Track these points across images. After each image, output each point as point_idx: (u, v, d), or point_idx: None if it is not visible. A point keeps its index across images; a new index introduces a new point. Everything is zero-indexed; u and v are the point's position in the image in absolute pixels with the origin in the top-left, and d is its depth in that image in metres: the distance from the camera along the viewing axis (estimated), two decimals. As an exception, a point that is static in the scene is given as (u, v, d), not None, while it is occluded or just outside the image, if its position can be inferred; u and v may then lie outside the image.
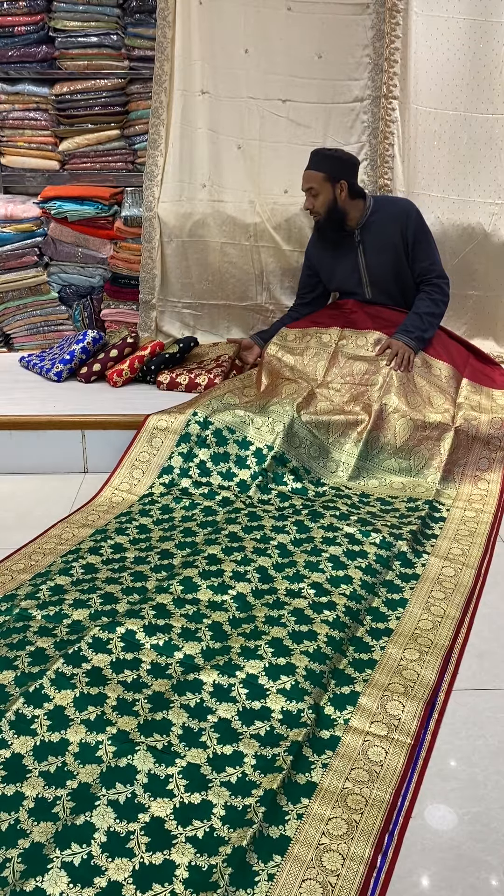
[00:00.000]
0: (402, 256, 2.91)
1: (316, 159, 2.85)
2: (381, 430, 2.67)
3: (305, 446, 2.65)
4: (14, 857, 1.24)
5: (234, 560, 2.07)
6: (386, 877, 1.26)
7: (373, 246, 2.93)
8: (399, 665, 1.73)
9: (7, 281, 3.45)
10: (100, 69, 3.29)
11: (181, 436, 2.63)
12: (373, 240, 2.92)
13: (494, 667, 1.79)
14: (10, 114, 3.38)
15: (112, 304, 3.54)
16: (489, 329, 3.54)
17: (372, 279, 2.99)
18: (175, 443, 2.63)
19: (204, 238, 3.37)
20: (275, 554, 2.12)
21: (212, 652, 1.72)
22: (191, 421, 2.63)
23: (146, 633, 1.75)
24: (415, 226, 2.86)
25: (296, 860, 1.26)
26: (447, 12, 3.10)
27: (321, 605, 1.91)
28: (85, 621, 1.80)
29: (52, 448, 2.80)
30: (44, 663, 1.65)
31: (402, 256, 2.91)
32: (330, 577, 2.02)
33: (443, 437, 2.64)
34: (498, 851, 1.33)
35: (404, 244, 2.89)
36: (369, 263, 2.96)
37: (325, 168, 2.81)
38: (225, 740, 1.49)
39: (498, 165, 3.27)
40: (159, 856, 1.25)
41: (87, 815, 1.31)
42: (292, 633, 1.78)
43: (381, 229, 2.90)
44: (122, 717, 1.51)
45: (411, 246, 2.88)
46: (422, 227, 2.88)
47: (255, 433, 2.62)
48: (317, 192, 2.84)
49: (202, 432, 2.62)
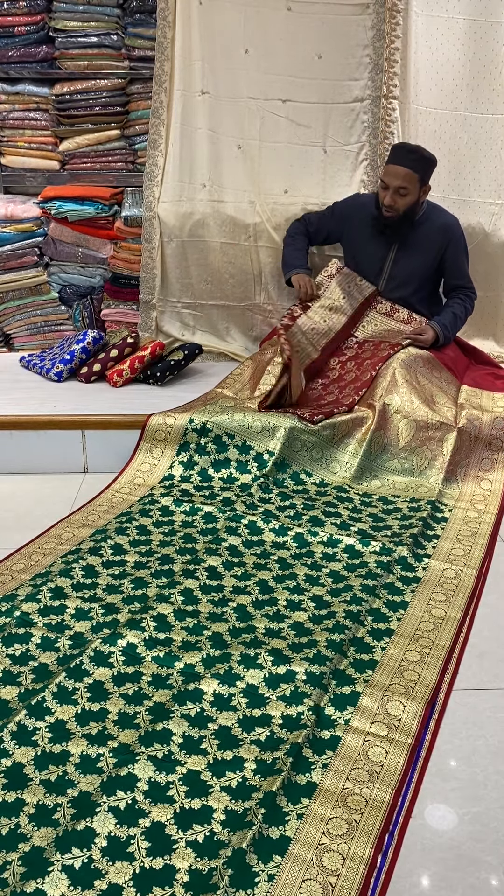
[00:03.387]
0: (431, 267, 2.98)
1: (413, 158, 2.74)
2: (385, 431, 2.67)
3: (307, 448, 2.65)
4: (14, 860, 1.25)
5: (234, 575, 2.08)
6: (386, 877, 1.26)
7: (409, 247, 2.96)
8: (400, 666, 1.73)
9: (7, 281, 3.45)
10: (100, 69, 3.29)
11: (180, 445, 2.64)
12: (412, 242, 2.95)
13: (494, 667, 1.79)
14: (11, 114, 3.38)
15: (112, 304, 3.53)
16: (489, 329, 3.55)
17: (392, 274, 3.01)
18: (175, 452, 2.64)
19: (204, 238, 3.37)
20: (275, 567, 2.13)
21: (212, 660, 1.72)
22: (188, 429, 2.64)
23: (147, 646, 1.76)
24: (458, 245, 2.96)
25: (296, 860, 1.26)
26: (447, 12, 3.10)
27: (321, 616, 1.91)
28: (87, 633, 1.81)
29: (52, 448, 2.80)
30: (47, 678, 1.65)
31: (431, 267, 2.98)
32: (330, 590, 2.03)
33: (446, 438, 2.65)
34: (498, 851, 1.33)
35: (440, 258, 2.96)
36: (398, 261, 2.98)
37: (421, 170, 2.76)
38: (225, 746, 1.49)
39: (498, 165, 3.27)
40: (159, 860, 1.26)
41: (87, 821, 1.31)
42: (292, 645, 1.79)
43: (424, 236, 2.93)
44: (123, 731, 1.52)
45: (450, 262, 2.97)
46: (464, 248, 2.99)
47: (254, 437, 2.62)
48: (407, 192, 2.79)
49: (200, 439, 2.63)
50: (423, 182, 2.81)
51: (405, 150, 2.79)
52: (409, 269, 2.99)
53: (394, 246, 2.97)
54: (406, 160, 2.76)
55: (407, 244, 2.95)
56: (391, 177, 2.79)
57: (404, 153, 2.78)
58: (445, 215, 2.97)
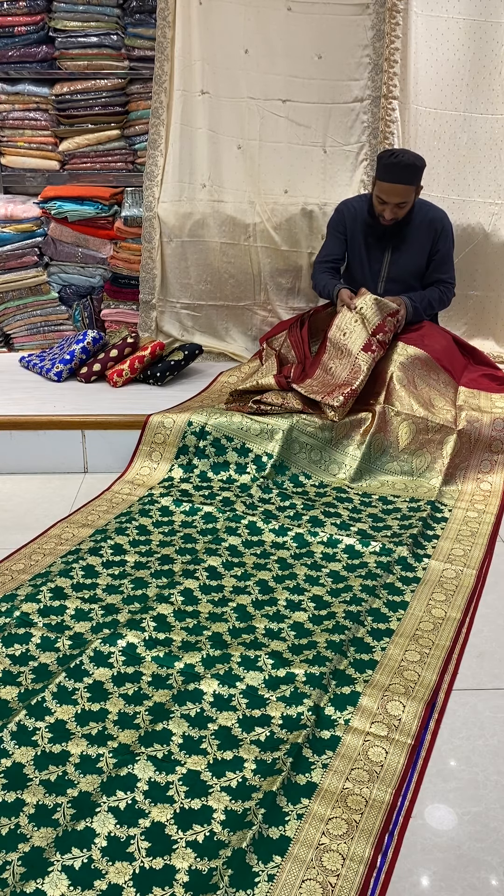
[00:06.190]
0: (424, 261, 2.99)
1: (408, 173, 2.73)
2: (385, 433, 2.67)
3: (306, 451, 2.65)
4: (14, 861, 1.25)
5: (234, 576, 2.08)
6: (386, 877, 1.26)
7: (402, 247, 2.97)
8: (400, 666, 1.73)
9: (7, 281, 3.45)
10: (100, 69, 3.29)
11: (179, 448, 2.64)
12: (404, 242, 2.95)
13: (494, 667, 1.79)
14: (10, 114, 3.38)
15: (112, 304, 3.54)
16: (489, 329, 3.55)
17: (390, 276, 3.02)
18: (174, 455, 2.65)
19: (203, 238, 3.37)
20: (275, 567, 2.13)
21: (212, 660, 1.72)
22: (187, 432, 2.64)
23: (147, 646, 1.76)
24: (447, 238, 2.97)
25: (296, 860, 1.26)
26: (447, 12, 3.10)
27: (321, 617, 1.91)
28: (87, 634, 1.81)
29: (52, 448, 2.80)
30: (47, 679, 1.65)
31: (424, 261, 2.99)
32: (330, 590, 2.03)
33: (445, 441, 2.64)
34: (498, 851, 1.33)
35: (431, 251, 2.97)
36: (394, 262, 2.98)
37: (416, 180, 2.78)
38: (225, 747, 1.49)
39: (498, 165, 3.27)
40: (159, 860, 1.26)
41: (87, 821, 1.31)
42: (292, 647, 1.79)
43: (415, 233, 2.94)
44: (122, 731, 1.52)
45: (438, 256, 2.97)
46: (452, 242, 3.00)
47: (253, 440, 2.62)
48: (406, 203, 2.81)
49: (199, 442, 2.63)
50: (418, 187, 2.82)
51: (398, 166, 2.72)
52: (405, 269, 2.99)
53: (388, 248, 2.97)
54: (402, 177, 2.73)
55: (400, 244, 2.96)
56: (390, 195, 2.78)
57: (398, 170, 2.72)
58: (433, 210, 2.98)
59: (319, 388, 2.71)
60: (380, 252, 3.00)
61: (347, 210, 3.02)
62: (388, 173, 2.74)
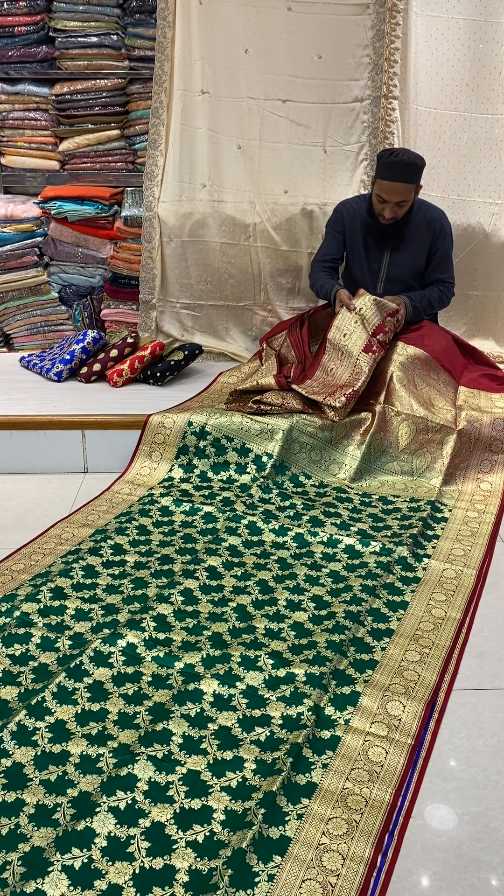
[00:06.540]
0: (423, 261, 2.99)
1: (408, 172, 2.73)
2: (385, 433, 2.67)
3: (306, 451, 2.65)
4: (14, 861, 1.25)
5: (234, 576, 2.08)
6: (386, 877, 1.26)
7: (401, 247, 2.97)
8: (400, 666, 1.73)
9: (7, 281, 3.45)
10: (100, 69, 3.29)
11: (179, 448, 2.64)
12: (403, 241, 2.95)
13: (494, 667, 1.79)
14: (11, 114, 3.38)
15: (112, 304, 3.54)
16: (489, 329, 3.55)
17: (390, 276, 3.01)
18: (174, 455, 2.65)
19: (203, 238, 3.37)
20: (275, 567, 2.13)
21: (212, 660, 1.72)
22: (187, 432, 2.64)
23: (147, 646, 1.76)
24: (446, 238, 2.97)
25: (296, 860, 1.26)
26: (447, 12, 3.10)
27: (321, 617, 1.91)
28: (87, 634, 1.81)
29: (52, 448, 2.80)
30: (47, 679, 1.65)
31: (423, 261, 2.99)
32: (330, 590, 2.03)
33: (446, 441, 2.64)
34: (498, 851, 1.33)
35: (430, 251, 2.97)
36: (393, 262, 2.98)
37: (416, 179, 2.78)
38: (225, 747, 1.49)
39: (498, 165, 3.27)
40: (159, 860, 1.26)
41: (87, 821, 1.31)
42: (292, 647, 1.79)
43: (414, 233, 2.94)
44: (123, 731, 1.52)
45: (437, 256, 2.97)
46: (451, 241, 3.00)
47: (253, 440, 2.62)
48: (406, 202, 2.81)
49: (199, 442, 2.63)
50: (418, 186, 2.82)
51: (399, 165, 2.71)
52: (404, 268, 2.99)
53: (388, 248, 2.97)
54: (402, 176, 2.74)
55: (399, 244, 2.96)
56: (390, 193, 2.77)
57: (399, 169, 2.72)
58: (432, 210, 2.97)
59: (320, 388, 2.72)
60: (379, 252, 3.00)
61: (346, 210, 3.02)
62: (388, 172, 2.74)
